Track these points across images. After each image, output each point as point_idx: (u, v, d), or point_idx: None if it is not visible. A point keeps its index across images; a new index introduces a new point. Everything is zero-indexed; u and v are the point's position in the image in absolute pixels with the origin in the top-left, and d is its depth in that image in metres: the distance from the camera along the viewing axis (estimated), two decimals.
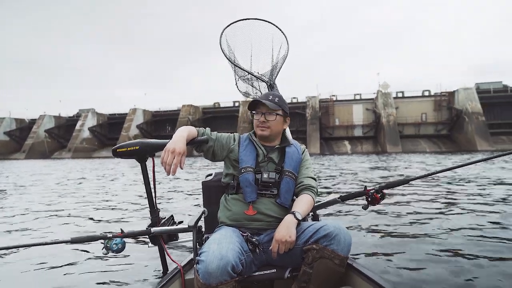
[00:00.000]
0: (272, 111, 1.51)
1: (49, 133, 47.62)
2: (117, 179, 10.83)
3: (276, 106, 1.51)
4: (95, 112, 48.29)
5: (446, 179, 6.93)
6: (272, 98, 1.53)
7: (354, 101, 41.29)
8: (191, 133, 1.48)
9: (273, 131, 1.53)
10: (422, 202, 4.63)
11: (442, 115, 38.02)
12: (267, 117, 1.50)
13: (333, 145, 38.66)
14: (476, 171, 8.48)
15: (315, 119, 38.22)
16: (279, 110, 1.53)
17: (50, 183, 9.77)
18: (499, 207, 4.16)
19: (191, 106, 44.16)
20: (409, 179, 1.48)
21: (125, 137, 42.35)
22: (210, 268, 1.12)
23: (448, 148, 34.60)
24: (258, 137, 1.58)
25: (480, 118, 33.77)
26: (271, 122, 1.51)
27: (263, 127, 1.52)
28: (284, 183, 1.48)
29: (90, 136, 46.41)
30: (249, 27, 2.03)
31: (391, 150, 33.53)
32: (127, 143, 1.48)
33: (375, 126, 38.35)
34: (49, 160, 34.65)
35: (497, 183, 6.47)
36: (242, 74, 2.07)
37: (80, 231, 3.81)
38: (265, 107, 1.51)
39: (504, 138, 34.67)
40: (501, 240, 2.76)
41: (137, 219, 4.35)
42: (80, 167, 18.41)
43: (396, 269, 2.24)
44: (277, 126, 1.53)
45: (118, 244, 1.31)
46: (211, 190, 1.73)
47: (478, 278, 2.06)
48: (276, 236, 1.30)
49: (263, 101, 1.50)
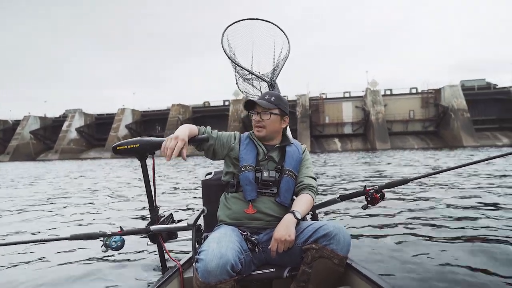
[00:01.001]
0: (266, 110, 1.51)
1: (34, 135, 46.45)
2: (116, 177, 10.69)
3: (271, 105, 1.51)
4: (82, 112, 47.34)
5: (445, 179, 6.99)
6: (268, 98, 1.54)
7: (344, 98, 41.75)
8: (192, 131, 1.47)
9: (269, 130, 1.53)
10: (421, 202, 4.63)
11: (429, 112, 38.80)
12: (262, 117, 1.51)
13: (323, 142, 38.99)
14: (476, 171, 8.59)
15: (305, 117, 38.43)
16: (274, 109, 1.52)
17: (47, 182, 9.60)
18: (499, 206, 4.18)
19: (181, 106, 43.78)
20: (409, 179, 1.47)
21: (114, 138, 41.72)
22: (210, 266, 1.12)
23: (436, 144, 35.33)
24: (257, 138, 1.58)
25: (465, 115, 34.61)
26: (266, 121, 1.51)
27: (259, 127, 1.52)
28: (284, 182, 1.48)
29: (78, 137, 45.49)
30: (251, 27, 2.03)
31: (380, 147, 34.02)
32: (127, 141, 1.47)
33: (364, 123, 38.85)
34: (36, 162, 33.83)
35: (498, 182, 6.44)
36: (242, 73, 2.07)
37: (79, 229, 3.79)
38: (260, 107, 1.52)
39: (488, 134, 35.64)
40: (501, 241, 2.79)
41: (136, 217, 4.33)
42: (74, 168, 18.07)
43: (395, 269, 2.25)
44: (273, 125, 1.53)
45: (117, 241, 1.30)
46: (211, 189, 1.73)
47: (478, 278, 2.08)
48: (275, 235, 1.30)
49: (256, 100, 1.51)
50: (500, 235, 2.93)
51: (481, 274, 2.15)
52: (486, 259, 2.39)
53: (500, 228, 3.20)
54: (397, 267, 2.31)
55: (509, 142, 33.39)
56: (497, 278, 2.08)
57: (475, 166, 8.90)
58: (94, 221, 4.15)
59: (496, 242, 2.76)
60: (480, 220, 3.51)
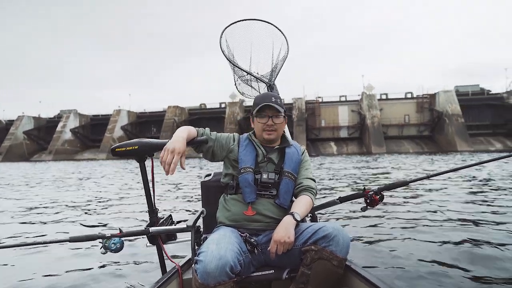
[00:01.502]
0: (279, 114, 1.49)
1: (28, 135, 46.01)
2: (115, 179, 10.61)
3: (282, 108, 1.50)
4: (77, 113, 47.02)
5: (444, 181, 7.04)
6: (275, 100, 1.50)
7: (340, 102, 42.02)
8: (190, 133, 1.46)
9: (279, 133, 1.54)
10: (421, 204, 4.65)
11: (424, 117, 39.19)
12: (274, 120, 1.49)
13: (319, 146, 39.14)
14: (475, 172, 8.66)
15: (301, 121, 38.59)
16: (283, 112, 1.52)
17: (46, 183, 9.50)
18: (498, 208, 4.21)
19: (177, 107, 43.71)
20: (408, 181, 1.47)
21: (109, 139, 41.48)
22: (209, 268, 1.12)
23: (430, 149, 35.66)
24: (264, 141, 1.55)
25: (459, 120, 35.02)
26: (278, 125, 1.50)
27: (271, 130, 1.50)
28: (283, 184, 1.48)
29: (72, 138, 45.14)
30: (249, 27, 2.03)
31: (375, 151, 34.24)
32: (126, 142, 1.46)
33: (360, 127, 39.11)
34: (30, 163, 33.45)
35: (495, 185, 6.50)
36: (241, 74, 2.07)
37: (78, 231, 3.77)
38: (271, 110, 1.49)
39: (481, 139, 36.08)
40: (500, 241, 2.80)
41: (135, 219, 4.32)
42: (69, 169, 17.90)
43: (394, 271, 2.25)
44: (282, 128, 1.55)
45: (116, 243, 1.29)
46: (210, 190, 1.72)
47: (477, 279, 2.09)
48: (274, 237, 1.30)
49: (273, 105, 1.47)
50: (499, 237, 2.95)
51: (480, 275, 2.16)
52: (484, 261, 2.40)
53: (499, 230, 3.23)
54: (396, 269, 2.31)
55: (502, 147, 33.83)
56: (496, 279, 2.09)
57: (470, 170, 8.97)
58: (93, 223, 4.13)
59: (496, 244, 2.77)
60: (479, 222, 3.54)
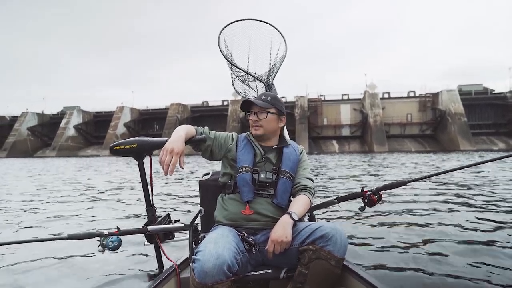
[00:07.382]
0: (263, 110, 1.52)
1: (32, 131, 46.17)
2: (114, 176, 10.64)
3: (267, 105, 1.53)
4: (80, 109, 47.12)
5: (443, 181, 7.00)
6: (264, 98, 1.56)
7: (342, 101, 41.80)
8: (189, 132, 1.47)
9: (267, 129, 1.54)
10: (419, 204, 4.64)
11: (427, 116, 38.94)
12: (259, 116, 1.52)
13: (321, 144, 39.03)
14: (474, 173, 8.61)
15: (303, 119, 38.46)
16: (271, 108, 1.53)
17: (44, 181, 9.55)
18: (498, 208, 4.19)
19: (180, 105, 43.67)
20: (406, 181, 1.45)
21: (112, 135, 41.55)
22: (206, 267, 1.12)
23: (433, 148, 35.46)
24: (254, 137, 1.58)
25: (462, 119, 34.78)
26: (262, 120, 1.52)
27: (256, 126, 1.53)
28: (281, 183, 1.48)
29: (76, 134, 45.25)
30: (247, 27, 2.03)
31: (377, 149, 34.11)
32: (125, 141, 1.47)
33: (362, 126, 38.92)
34: (33, 159, 33.63)
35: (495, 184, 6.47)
36: (239, 74, 2.07)
37: (76, 228, 3.78)
38: (257, 107, 1.53)
39: (484, 138, 35.85)
40: (499, 242, 2.80)
41: (133, 217, 4.32)
42: (71, 165, 17.96)
43: (392, 271, 2.25)
44: (270, 124, 1.54)
45: (114, 241, 1.30)
46: (208, 189, 1.72)
47: (476, 280, 2.09)
48: (272, 236, 1.31)
49: (252, 100, 1.53)
50: (498, 237, 2.94)
51: (479, 275, 2.16)
52: (484, 260, 2.39)
53: (499, 230, 3.22)
54: (394, 268, 2.31)
55: (505, 147, 33.60)
56: (495, 279, 2.09)
57: (471, 170, 8.91)
58: (91, 221, 4.13)
59: (495, 244, 2.76)
60: (478, 222, 3.52)
